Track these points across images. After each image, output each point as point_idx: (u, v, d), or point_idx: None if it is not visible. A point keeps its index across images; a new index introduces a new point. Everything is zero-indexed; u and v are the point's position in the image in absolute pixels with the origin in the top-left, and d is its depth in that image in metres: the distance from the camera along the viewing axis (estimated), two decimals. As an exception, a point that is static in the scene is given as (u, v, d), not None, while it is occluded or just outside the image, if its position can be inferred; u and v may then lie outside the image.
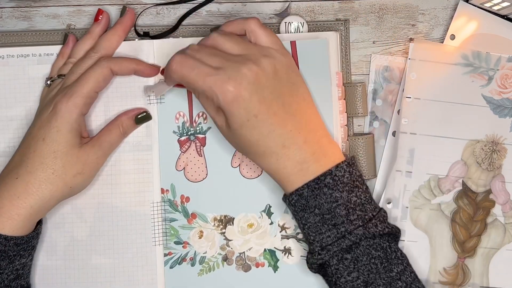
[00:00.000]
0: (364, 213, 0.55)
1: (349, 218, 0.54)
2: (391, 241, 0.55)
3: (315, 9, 0.65)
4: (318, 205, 0.54)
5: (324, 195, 0.54)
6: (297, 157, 0.54)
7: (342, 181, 0.55)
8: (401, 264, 0.54)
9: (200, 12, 0.65)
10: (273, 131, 0.54)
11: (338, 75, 0.62)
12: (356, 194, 0.55)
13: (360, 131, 0.65)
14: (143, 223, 0.62)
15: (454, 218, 0.63)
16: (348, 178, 0.55)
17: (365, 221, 0.54)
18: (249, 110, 0.53)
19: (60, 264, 0.61)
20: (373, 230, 0.54)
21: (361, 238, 0.54)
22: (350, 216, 0.54)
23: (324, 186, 0.54)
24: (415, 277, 0.55)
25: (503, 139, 0.63)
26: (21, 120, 0.62)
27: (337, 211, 0.54)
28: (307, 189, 0.54)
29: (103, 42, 0.61)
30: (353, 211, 0.54)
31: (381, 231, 0.54)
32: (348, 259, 0.54)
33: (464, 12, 0.64)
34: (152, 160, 0.62)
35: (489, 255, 0.63)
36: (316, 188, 0.54)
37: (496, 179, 0.63)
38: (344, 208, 0.54)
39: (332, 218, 0.54)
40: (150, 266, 0.62)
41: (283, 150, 0.54)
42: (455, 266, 0.63)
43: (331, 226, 0.54)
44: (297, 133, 0.54)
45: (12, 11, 0.65)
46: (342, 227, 0.54)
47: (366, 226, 0.54)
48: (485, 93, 0.63)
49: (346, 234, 0.54)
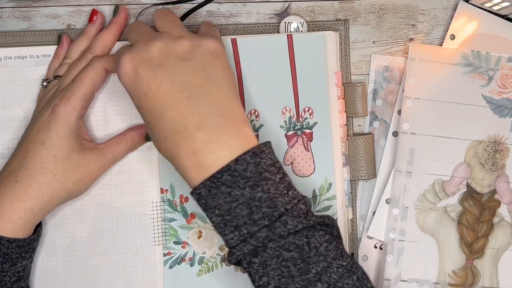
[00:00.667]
0: (273, 209, 0.48)
1: (252, 218, 0.48)
2: (312, 235, 0.48)
3: (315, 9, 0.65)
4: (217, 205, 0.48)
5: (222, 195, 0.48)
6: (188, 146, 0.49)
7: (244, 176, 0.48)
8: (324, 260, 0.48)
9: (200, 12, 0.65)
10: (163, 112, 0.49)
11: (337, 75, 0.62)
12: (263, 188, 0.48)
13: (360, 131, 0.65)
14: (143, 223, 0.62)
15: (461, 220, 0.63)
16: (252, 171, 0.48)
17: (273, 219, 0.48)
18: (139, 87, 0.50)
19: (60, 265, 0.61)
20: (280, 230, 0.48)
21: (264, 241, 0.48)
22: (253, 215, 0.48)
23: (221, 184, 0.48)
24: (344, 272, 0.48)
25: (505, 139, 0.63)
26: (19, 122, 0.62)
27: (237, 211, 0.48)
28: (203, 189, 0.48)
29: (98, 43, 0.60)
30: (258, 209, 0.48)
31: (292, 229, 0.48)
32: (256, 263, 0.48)
33: (464, 12, 0.64)
34: (152, 160, 0.62)
35: (497, 255, 0.63)
36: (212, 187, 0.48)
37: (500, 179, 0.63)
38: (246, 207, 0.48)
39: (232, 219, 0.48)
40: (150, 266, 0.62)
41: (174, 135, 0.49)
42: (464, 268, 0.63)
43: (232, 227, 0.48)
44: (190, 116, 0.49)
45: (12, 11, 0.65)
46: (244, 229, 0.48)
47: (273, 225, 0.48)
48: (485, 93, 0.63)
49: (247, 238, 0.48)
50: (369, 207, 0.64)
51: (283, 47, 0.62)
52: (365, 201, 0.64)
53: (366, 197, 0.64)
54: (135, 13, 0.65)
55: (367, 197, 0.64)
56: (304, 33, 0.63)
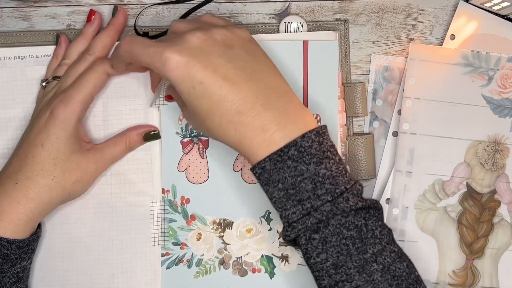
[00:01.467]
0: (335, 186, 0.49)
1: (316, 193, 0.49)
2: (369, 217, 0.50)
3: (315, 9, 0.65)
4: (281, 179, 0.49)
5: (288, 168, 0.49)
6: (256, 124, 0.49)
7: (309, 152, 0.49)
8: (379, 243, 0.49)
9: (200, 12, 0.65)
10: (225, 97, 0.49)
11: (337, 75, 0.62)
12: (326, 166, 0.49)
13: (360, 131, 0.65)
14: (142, 223, 0.62)
15: (461, 220, 0.63)
16: (316, 149, 0.49)
17: (335, 195, 0.49)
18: (192, 76, 0.49)
19: (59, 264, 0.61)
20: (343, 206, 0.49)
21: (328, 215, 0.49)
22: (317, 190, 0.49)
23: (288, 158, 0.49)
24: (396, 257, 0.50)
25: (505, 139, 0.63)
26: (19, 122, 0.62)
27: (302, 186, 0.49)
28: (269, 162, 0.49)
29: (97, 44, 0.60)
30: (321, 184, 0.49)
31: (353, 205, 0.49)
32: (316, 239, 0.49)
33: (464, 12, 0.64)
34: (152, 160, 0.62)
35: (497, 255, 0.63)
36: (279, 161, 0.49)
37: (500, 179, 0.63)
38: (310, 182, 0.49)
39: (296, 194, 0.49)
40: (149, 266, 0.61)
41: (240, 117, 0.49)
42: (464, 268, 0.62)
43: (296, 202, 0.49)
44: (254, 97, 0.49)
45: (12, 11, 0.65)
46: (307, 203, 0.49)
47: (335, 201, 0.49)
48: (485, 93, 0.63)
49: (311, 211, 0.49)
50: (369, 207, 0.64)
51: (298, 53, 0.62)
52: (365, 201, 0.64)
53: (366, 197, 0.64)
54: (135, 13, 0.65)
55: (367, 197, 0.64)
56: (314, 37, 0.63)
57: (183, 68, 0.49)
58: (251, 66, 0.51)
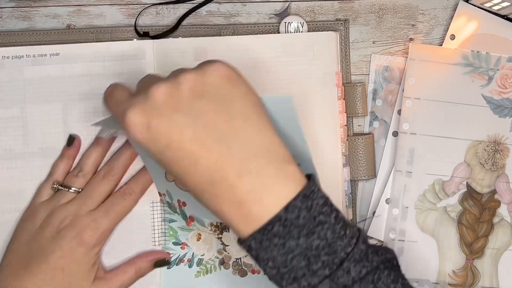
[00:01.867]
0: (333, 256, 0.43)
1: (311, 269, 0.42)
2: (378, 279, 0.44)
3: (315, 9, 0.65)
4: (270, 257, 0.43)
5: (276, 247, 0.42)
6: (231, 197, 0.42)
7: (297, 225, 0.42)
8: None
9: (200, 12, 0.65)
10: (194, 163, 0.43)
11: (337, 76, 0.62)
12: (319, 235, 0.43)
13: (360, 131, 0.65)
14: (143, 223, 0.62)
15: (461, 220, 0.63)
16: (305, 218, 0.42)
17: (334, 267, 0.43)
18: (157, 140, 0.43)
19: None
20: (344, 280, 0.42)
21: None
22: (312, 266, 0.42)
23: (274, 236, 0.42)
24: None
25: (505, 139, 0.63)
26: (17, 122, 0.61)
27: (293, 263, 0.43)
28: (253, 241, 0.43)
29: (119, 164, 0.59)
30: (316, 258, 0.42)
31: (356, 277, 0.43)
32: None
33: (464, 12, 0.64)
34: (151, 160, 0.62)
35: (497, 255, 0.63)
36: (263, 239, 0.42)
37: (500, 179, 0.63)
38: (303, 258, 0.42)
39: (290, 272, 0.43)
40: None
41: (213, 187, 0.43)
42: (464, 268, 0.63)
43: (291, 280, 0.43)
44: (226, 163, 0.42)
45: (12, 11, 0.65)
46: (304, 281, 0.43)
47: (335, 275, 0.42)
48: (485, 93, 0.63)
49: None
50: (369, 207, 0.64)
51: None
52: (365, 201, 0.64)
53: (366, 197, 0.64)
54: (135, 13, 0.65)
55: (367, 197, 0.64)
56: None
57: (146, 132, 0.43)
58: (224, 119, 0.43)
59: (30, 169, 0.61)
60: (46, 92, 0.62)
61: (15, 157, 0.61)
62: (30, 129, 0.61)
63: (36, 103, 0.62)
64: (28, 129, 0.61)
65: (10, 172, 0.61)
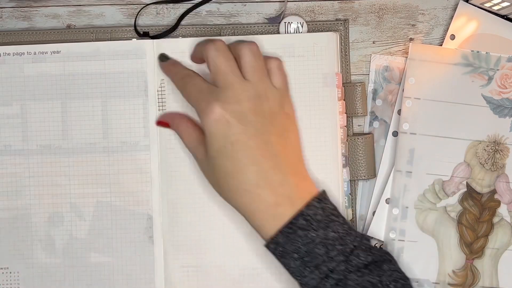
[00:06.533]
0: (345, 246, 0.52)
1: (330, 255, 0.52)
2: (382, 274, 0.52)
3: (315, 9, 0.65)
4: (295, 249, 0.52)
5: (300, 238, 0.52)
6: (271, 199, 0.52)
7: (315, 219, 0.52)
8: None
9: (200, 12, 0.65)
10: (249, 165, 0.52)
11: (337, 76, 0.62)
12: (333, 229, 0.53)
13: (360, 131, 0.65)
14: (141, 222, 0.62)
15: (460, 220, 0.63)
16: (321, 215, 0.53)
17: (347, 254, 0.52)
18: (227, 135, 0.52)
19: (59, 262, 0.61)
20: (356, 262, 0.52)
21: (344, 273, 0.51)
22: (330, 253, 0.52)
23: (298, 228, 0.52)
24: None
25: (505, 139, 0.63)
26: (17, 119, 0.62)
27: (315, 251, 0.52)
28: (281, 236, 0.52)
29: None
30: (333, 247, 0.52)
31: (364, 260, 0.52)
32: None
33: (464, 12, 0.64)
34: (150, 160, 0.62)
35: (497, 255, 0.63)
36: (290, 232, 0.52)
37: (500, 179, 0.63)
38: (322, 246, 0.52)
39: (312, 260, 0.52)
40: (149, 266, 0.61)
41: (257, 189, 0.52)
42: (463, 268, 0.62)
43: (312, 267, 0.52)
44: (274, 174, 0.52)
45: (12, 11, 0.65)
46: (324, 267, 0.52)
47: (348, 259, 0.52)
48: (485, 93, 0.63)
49: (328, 273, 0.51)
50: (369, 207, 0.64)
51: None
52: (365, 201, 0.64)
53: (366, 197, 0.64)
54: (135, 13, 0.65)
55: (367, 197, 0.64)
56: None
57: (223, 125, 0.52)
58: (281, 143, 0.54)
59: (29, 166, 0.61)
60: (46, 89, 0.62)
61: (14, 154, 0.61)
62: (29, 126, 0.62)
63: (36, 100, 0.62)
64: (27, 126, 0.62)
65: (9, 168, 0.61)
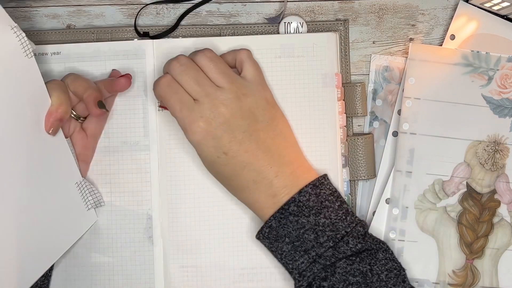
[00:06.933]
0: (335, 232, 0.54)
1: (319, 241, 0.54)
2: (375, 262, 0.54)
3: (315, 9, 0.65)
4: (287, 233, 0.55)
5: (291, 223, 0.54)
6: (268, 191, 0.55)
7: (307, 206, 0.55)
8: (385, 286, 0.53)
9: (200, 12, 0.65)
10: (245, 167, 0.55)
11: (337, 77, 0.62)
12: (325, 215, 0.55)
13: (360, 131, 0.65)
14: (141, 222, 0.62)
15: (460, 220, 0.63)
16: (314, 201, 0.55)
17: (336, 240, 0.54)
18: (218, 148, 0.54)
19: (59, 261, 0.61)
20: (344, 249, 0.54)
21: (331, 259, 0.54)
22: (319, 239, 0.54)
23: (289, 214, 0.54)
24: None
25: (505, 139, 0.63)
26: None
27: (305, 237, 0.54)
28: (274, 220, 0.55)
29: None
30: (323, 233, 0.54)
31: (353, 247, 0.54)
32: (325, 287, 0.53)
33: (464, 12, 0.64)
34: (150, 160, 0.62)
35: (497, 255, 0.62)
36: (282, 217, 0.55)
37: (500, 179, 0.63)
38: (312, 232, 0.54)
39: (301, 244, 0.54)
40: (148, 265, 0.61)
41: (255, 185, 0.55)
42: (463, 268, 0.62)
43: (302, 252, 0.54)
44: (269, 168, 0.55)
45: (12, 11, 0.65)
46: (312, 252, 0.54)
47: (337, 245, 0.54)
48: (485, 93, 0.63)
49: (316, 258, 0.54)
50: (369, 207, 0.64)
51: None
52: (365, 201, 0.64)
53: (366, 197, 0.64)
54: (135, 13, 0.65)
55: (367, 197, 0.64)
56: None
57: (209, 141, 0.54)
58: (271, 137, 0.56)
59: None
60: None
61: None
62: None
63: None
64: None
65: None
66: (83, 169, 0.60)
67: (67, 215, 0.58)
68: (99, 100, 0.57)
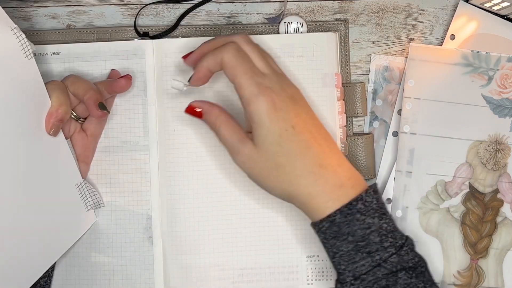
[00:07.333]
0: (396, 240, 0.52)
1: (383, 245, 0.51)
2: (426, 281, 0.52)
3: (315, 9, 0.65)
4: (351, 231, 0.51)
5: (358, 221, 0.51)
6: (335, 180, 0.52)
7: (372, 207, 0.52)
8: None
9: (200, 12, 0.65)
10: (310, 147, 0.52)
11: (337, 76, 0.62)
12: (386, 220, 0.53)
13: (360, 131, 0.65)
14: (141, 222, 0.61)
15: (464, 220, 0.63)
16: (376, 204, 0.53)
17: (397, 248, 0.52)
18: (287, 120, 0.51)
19: (59, 260, 0.61)
20: (407, 258, 0.52)
21: (397, 266, 0.51)
22: (383, 243, 0.51)
23: (357, 211, 0.51)
24: None
25: (506, 138, 0.63)
26: None
27: (371, 238, 0.51)
28: (339, 215, 0.51)
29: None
30: (386, 238, 0.52)
31: (412, 259, 0.52)
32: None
33: (464, 12, 0.64)
34: (150, 160, 0.62)
35: (502, 254, 0.62)
36: (349, 213, 0.51)
37: (502, 178, 0.63)
38: (377, 235, 0.51)
39: (366, 246, 0.51)
40: (148, 265, 0.61)
41: (320, 169, 0.52)
42: (468, 268, 0.62)
43: (365, 254, 0.51)
44: (331, 155, 0.53)
45: (12, 11, 0.65)
46: (377, 255, 0.51)
47: (399, 253, 0.51)
48: (485, 93, 0.63)
49: (381, 263, 0.51)
50: (369, 207, 0.64)
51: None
52: (365, 202, 0.64)
53: (366, 198, 0.64)
54: (135, 13, 0.65)
55: (367, 198, 0.64)
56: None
57: (279, 110, 0.51)
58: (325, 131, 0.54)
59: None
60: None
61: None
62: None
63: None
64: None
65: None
66: (83, 170, 0.60)
67: (67, 216, 0.58)
68: (100, 101, 0.56)
